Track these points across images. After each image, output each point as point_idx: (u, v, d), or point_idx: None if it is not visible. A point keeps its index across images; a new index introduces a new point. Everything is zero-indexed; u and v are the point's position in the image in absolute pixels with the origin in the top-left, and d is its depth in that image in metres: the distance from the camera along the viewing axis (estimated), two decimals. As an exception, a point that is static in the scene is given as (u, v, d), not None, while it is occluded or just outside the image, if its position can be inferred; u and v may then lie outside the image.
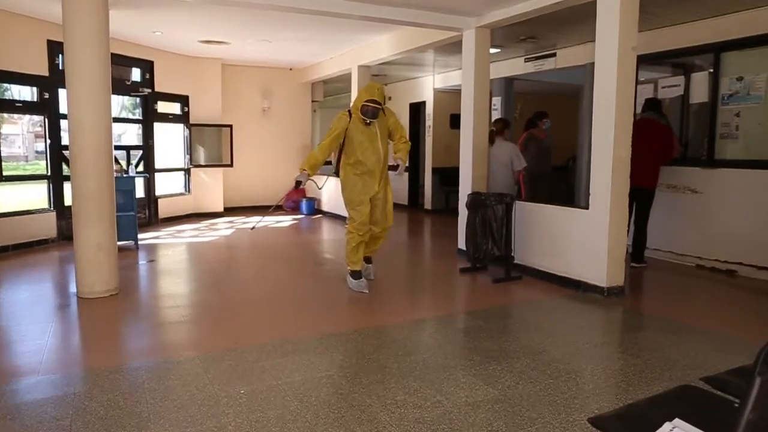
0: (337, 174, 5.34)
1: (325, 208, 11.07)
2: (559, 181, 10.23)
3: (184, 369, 3.38)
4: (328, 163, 5.49)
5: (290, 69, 11.63)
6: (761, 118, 5.94)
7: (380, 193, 5.24)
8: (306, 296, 5.24)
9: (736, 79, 6.08)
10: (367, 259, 5.62)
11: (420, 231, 9.95)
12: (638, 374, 3.33)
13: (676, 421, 1.73)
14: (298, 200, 11.26)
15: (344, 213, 9.67)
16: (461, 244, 6.42)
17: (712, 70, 6.32)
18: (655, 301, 5.21)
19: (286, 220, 10.31)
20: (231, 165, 10.86)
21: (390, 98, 12.90)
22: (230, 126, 10.78)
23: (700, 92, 6.48)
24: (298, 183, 5.03)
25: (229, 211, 10.95)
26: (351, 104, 5.26)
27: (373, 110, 4.98)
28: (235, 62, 10.89)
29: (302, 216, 10.92)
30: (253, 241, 8.13)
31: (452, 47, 7.61)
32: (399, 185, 12.51)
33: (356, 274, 5.26)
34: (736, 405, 1.32)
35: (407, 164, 5.31)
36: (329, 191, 10.78)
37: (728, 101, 6.17)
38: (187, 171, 10.40)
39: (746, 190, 5.87)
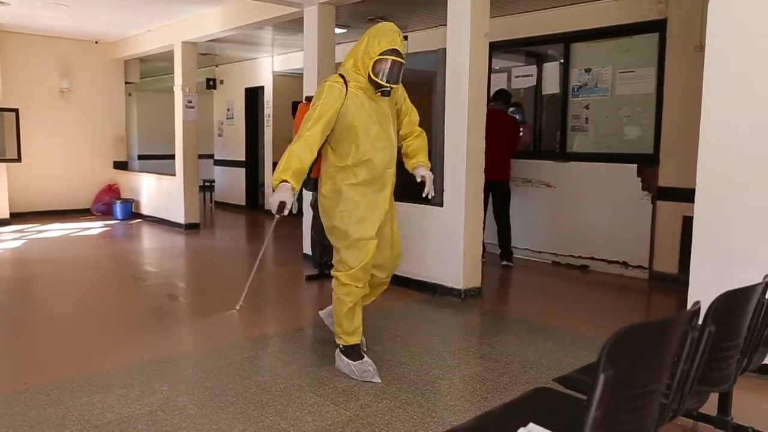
0: (312, 187, 3.87)
1: (145, 211, 10.45)
2: (413, 176, 10.64)
3: (-48, 421, 2.99)
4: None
5: (96, 42, 10.80)
6: (608, 111, 6.68)
7: (389, 213, 3.70)
8: (121, 318, 4.91)
9: (584, 70, 6.77)
10: None
11: (261, 235, 9.80)
12: (496, 380, 3.56)
13: (530, 426, 1.87)
14: (109, 202, 10.51)
15: (174, 217, 9.54)
16: (307, 248, 6.42)
17: (562, 61, 6.98)
18: (512, 301, 5.63)
19: (95, 227, 9.57)
20: (18, 160, 9.79)
21: (222, 82, 12.56)
22: (15, 110, 9.71)
23: (552, 83, 7.12)
24: (282, 206, 3.40)
25: (18, 217, 9.87)
26: (343, 64, 3.58)
27: (398, 70, 3.46)
28: (19, 29, 9.82)
29: (116, 221, 10.21)
30: (52, 255, 7.44)
31: (293, 25, 7.59)
32: (235, 183, 12.25)
33: (353, 351, 3.61)
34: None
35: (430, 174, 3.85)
36: (150, 187, 10.21)
37: (578, 93, 6.86)
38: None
39: (596, 183, 6.56)
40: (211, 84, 12.49)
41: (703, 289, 1.95)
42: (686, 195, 4.14)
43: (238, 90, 12.02)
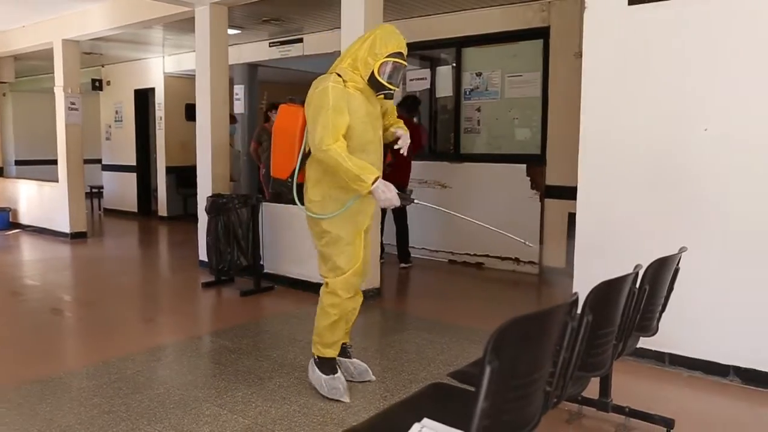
0: (295, 196, 3.44)
1: (24, 220, 9.77)
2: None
3: None
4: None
5: (-37, 38, 9.99)
6: (499, 114, 6.95)
7: (372, 219, 3.61)
8: (-3, 336, 4.57)
9: (475, 74, 7.02)
10: (344, 352, 3.65)
11: (154, 242, 9.44)
12: (395, 378, 3.62)
13: (425, 420, 1.92)
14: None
15: (59, 226, 8.95)
16: (203, 254, 6.26)
17: (455, 65, 7.20)
18: (410, 300, 5.74)
19: (-34, 239, 8.85)
20: None
21: (109, 83, 12.00)
22: None
23: (445, 86, 7.33)
24: (400, 197, 3.20)
25: None
26: (338, 64, 3.37)
27: (402, 74, 3.41)
28: None
29: (-9, 232, 9.49)
30: None
31: (185, 25, 7.36)
32: (125, 189, 11.75)
33: (327, 364, 3.40)
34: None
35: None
36: (30, 195, 9.57)
37: (470, 96, 7.10)
38: None
39: (489, 183, 6.81)
40: (96, 85, 11.87)
41: (587, 281, 2.07)
42: (571, 193, 4.37)
43: (127, 91, 11.51)
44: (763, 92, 3.41)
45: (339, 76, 3.25)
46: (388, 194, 3.13)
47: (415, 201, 3.44)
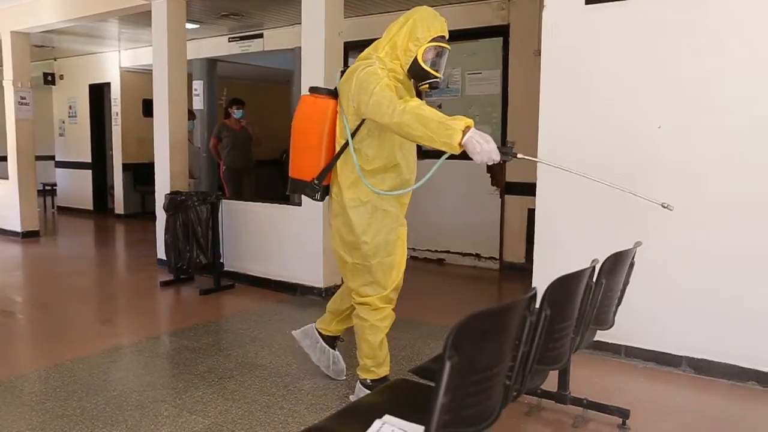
0: (321, 194, 3.10)
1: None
2: (275, 176, 10.57)
3: None
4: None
5: None
6: (459, 111, 6.95)
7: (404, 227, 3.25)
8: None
9: (435, 71, 7.04)
10: (332, 341, 3.57)
11: (111, 241, 9.24)
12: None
13: (386, 417, 1.93)
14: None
15: (9, 225, 8.66)
16: (161, 253, 6.16)
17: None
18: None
19: None
20: None
21: (62, 77, 11.68)
22: None
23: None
24: (501, 151, 2.60)
25: None
26: (374, 53, 3.01)
27: (446, 58, 3.11)
28: None
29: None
30: None
31: (141, 18, 7.20)
32: (80, 186, 11.48)
33: (382, 383, 3.04)
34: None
35: None
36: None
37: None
38: None
39: (450, 180, 6.83)
40: (49, 79, 11.53)
41: (546, 276, 2.10)
42: (530, 189, 4.43)
43: (82, 86, 11.22)
44: (715, 90, 3.51)
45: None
46: (485, 146, 2.53)
47: (519, 156, 2.70)
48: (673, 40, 3.60)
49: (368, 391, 3.06)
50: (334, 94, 3.05)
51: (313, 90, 3.14)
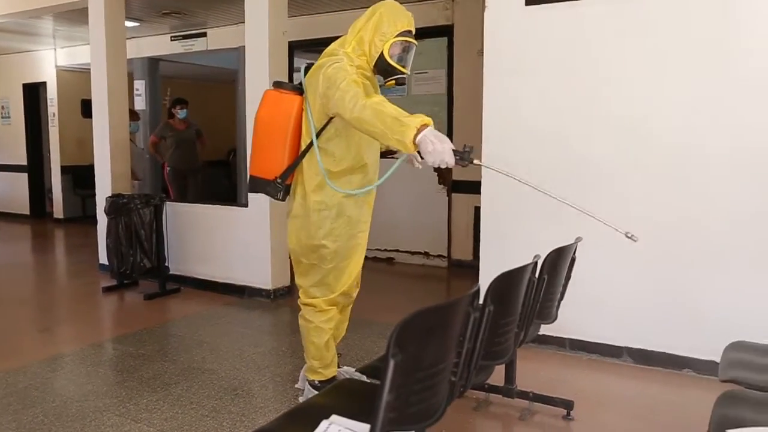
0: (283, 194, 2.99)
1: None
2: (222, 177, 10.42)
3: None
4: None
5: None
6: (405, 110, 7.00)
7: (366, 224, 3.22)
8: None
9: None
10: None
11: (50, 246, 8.93)
12: (306, 377, 3.59)
13: (333, 417, 1.93)
14: None
15: None
16: (103, 258, 5.99)
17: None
18: (322, 297, 5.70)
19: None
20: None
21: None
22: None
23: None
24: (464, 156, 2.46)
25: None
26: (341, 48, 2.94)
27: (412, 53, 2.95)
28: None
29: None
30: None
31: (78, 15, 6.99)
32: (15, 190, 11.07)
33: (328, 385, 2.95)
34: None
35: None
36: None
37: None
38: None
39: (397, 179, 6.84)
40: (-21, 79, 11.09)
41: (492, 273, 2.13)
42: (476, 187, 4.50)
43: (15, 86, 10.80)
44: (655, 88, 3.63)
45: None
46: (439, 146, 2.38)
47: (476, 162, 2.51)
48: (610, 38, 3.71)
49: (316, 392, 2.99)
50: (299, 89, 2.95)
51: (278, 85, 3.03)
